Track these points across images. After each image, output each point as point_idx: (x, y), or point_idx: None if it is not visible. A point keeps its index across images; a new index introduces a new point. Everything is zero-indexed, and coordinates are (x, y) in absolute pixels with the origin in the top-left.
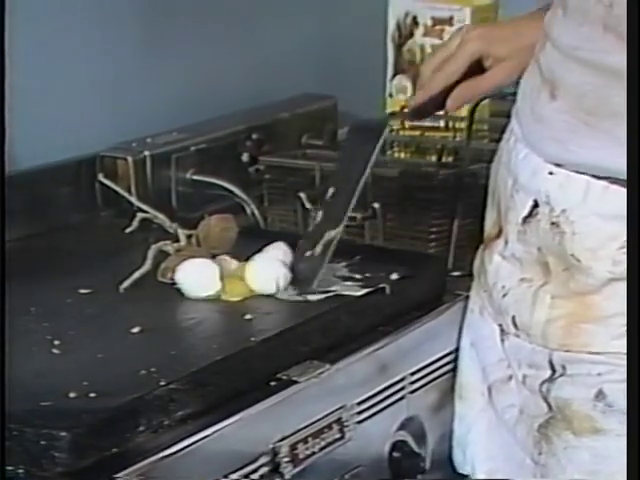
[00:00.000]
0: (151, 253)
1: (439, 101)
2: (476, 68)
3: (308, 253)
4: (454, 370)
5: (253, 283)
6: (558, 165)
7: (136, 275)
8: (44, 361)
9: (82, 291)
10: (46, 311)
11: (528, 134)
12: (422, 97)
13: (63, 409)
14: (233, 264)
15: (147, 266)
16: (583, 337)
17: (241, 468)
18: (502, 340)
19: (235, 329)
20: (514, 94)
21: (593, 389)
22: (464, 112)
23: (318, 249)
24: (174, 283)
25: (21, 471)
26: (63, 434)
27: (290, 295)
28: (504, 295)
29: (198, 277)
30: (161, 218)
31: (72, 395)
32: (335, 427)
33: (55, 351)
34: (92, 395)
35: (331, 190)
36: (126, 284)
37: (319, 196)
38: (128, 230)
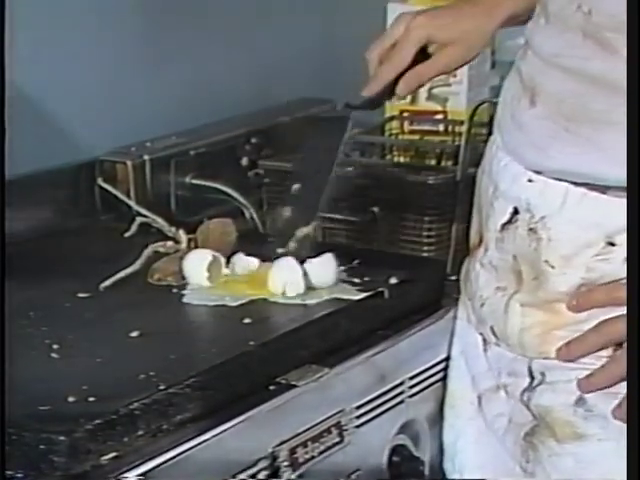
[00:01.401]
0: (145, 253)
1: (390, 89)
2: (423, 54)
3: (280, 250)
4: (444, 378)
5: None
6: (538, 172)
7: (120, 275)
8: (43, 365)
9: (81, 295)
10: (45, 315)
11: (508, 141)
12: (375, 88)
13: (62, 413)
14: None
15: (135, 266)
16: (558, 343)
17: (240, 472)
18: (485, 350)
19: (234, 333)
20: None
21: (573, 395)
22: (463, 116)
23: (291, 246)
24: (163, 285)
25: (20, 475)
26: (62, 438)
27: (289, 299)
28: (482, 305)
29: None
30: (160, 222)
31: (71, 399)
32: (334, 431)
33: (54, 355)
34: (91, 399)
35: (296, 186)
36: (107, 283)
37: (284, 192)
38: (127, 234)
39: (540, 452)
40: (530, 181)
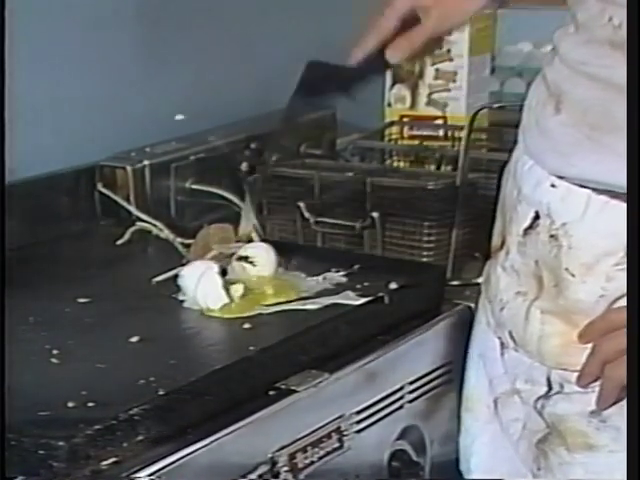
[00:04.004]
0: (211, 254)
1: (381, 58)
2: (412, 21)
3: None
4: (460, 381)
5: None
6: (560, 177)
7: (175, 271)
8: (43, 370)
9: (81, 300)
10: (45, 320)
11: (532, 146)
12: (358, 56)
13: (61, 419)
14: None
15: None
16: (579, 356)
17: (240, 477)
18: (502, 354)
19: (234, 338)
20: (520, 106)
21: (589, 406)
22: (463, 121)
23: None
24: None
25: None
26: (61, 444)
27: (289, 304)
28: (502, 308)
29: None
30: (160, 227)
31: (70, 405)
32: (334, 436)
33: (54, 360)
34: (90, 405)
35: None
36: (160, 278)
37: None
38: (119, 242)
39: (551, 460)
40: (553, 186)
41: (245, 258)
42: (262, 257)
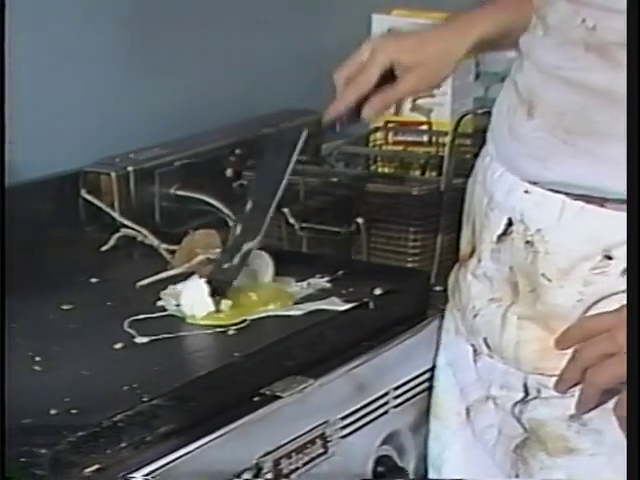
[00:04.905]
0: (197, 259)
1: (355, 111)
2: (389, 77)
3: (225, 265)
4: (429, 389)
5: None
6: (534, 183)
7: (162, 275)
8: (25, 378)
9: (65, 307)
10: (28, 327)
11: (504, 152)
12: (337, 109)
13: (44, 426)
14: None
15: (180, 269)
16: (556, 361)
17: None
18: (475, 361)
19: (218, 344)
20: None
21: (568, 410)
22: (447, 127)
23: (236, 260)
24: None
25: None
26: (44, 451)
27: (274, 309)
28: (475, 315)
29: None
30: (144, 233)
31: (53, 412)
32: (319, 442)
33: (37, 368)
34: (74, 412)
35: (249, 204)
36: (144, 282)
37: (238, 211)
38: (104, 248)
39: (531, 465)
40: (527, 192)
41: (246, 265)
42: (262, 264)
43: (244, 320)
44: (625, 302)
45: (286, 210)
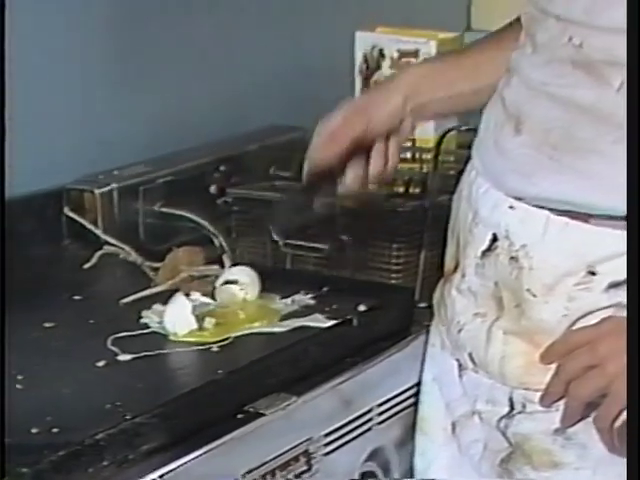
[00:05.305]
0: (181, 276)
1: (333, 174)
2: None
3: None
4: (413, 405)
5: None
6: (519, 199)
7: (145, 293)
8: (7, 396)
9: (47, 325)
10: (10, 345)
11: (490, 167)
12: (311, 175)
13: (25, 445)
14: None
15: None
16: (541, 376)
17: None
18: (460, 376)
19: (202, 362)
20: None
21: (553, 424)
22: (431, 143)
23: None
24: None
25: None
26: (25, 470)
27: (259, 327)
28: (459, 330)
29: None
30: (127, 250)
31: (34, 431)
32: (302, 459)
33: (18, 386)
34: (55, 430)
35: None
36: (127, 300)
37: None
38: (87, 266)
39: (516, 479)
40: (511, 208)
41: (234, 282)
42: (248, 280)
43: (227, 337)
44: (606, 316)
45: (270, 227)
